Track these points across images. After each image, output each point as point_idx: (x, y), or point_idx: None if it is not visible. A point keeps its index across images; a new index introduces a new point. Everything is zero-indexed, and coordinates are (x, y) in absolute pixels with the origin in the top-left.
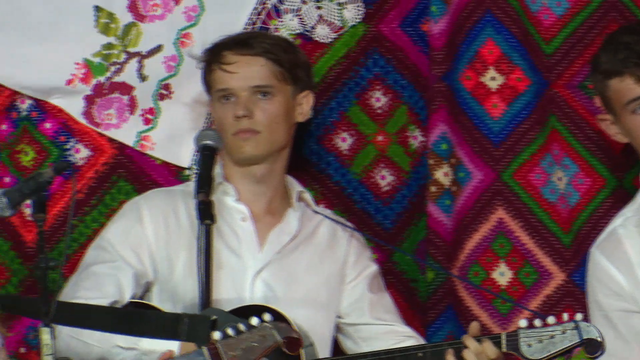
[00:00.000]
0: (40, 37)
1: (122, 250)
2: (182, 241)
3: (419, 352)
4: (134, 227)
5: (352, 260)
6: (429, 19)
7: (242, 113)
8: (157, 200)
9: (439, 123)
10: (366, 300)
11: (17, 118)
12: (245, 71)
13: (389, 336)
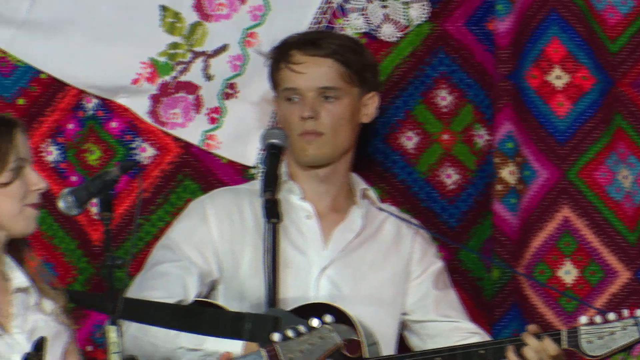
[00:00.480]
0: (106, 36)
1: (187, 249)
2: (247, 240)
3: (479, 349)
4: (199, 226)
5: (417, 257)
6: (495, 18)
7: (307, 114)
8: (222, 200)
9: (505, 122)
10: (431, 297)
11: (84, 117)
12: (313, 72)
13: (454, 333)
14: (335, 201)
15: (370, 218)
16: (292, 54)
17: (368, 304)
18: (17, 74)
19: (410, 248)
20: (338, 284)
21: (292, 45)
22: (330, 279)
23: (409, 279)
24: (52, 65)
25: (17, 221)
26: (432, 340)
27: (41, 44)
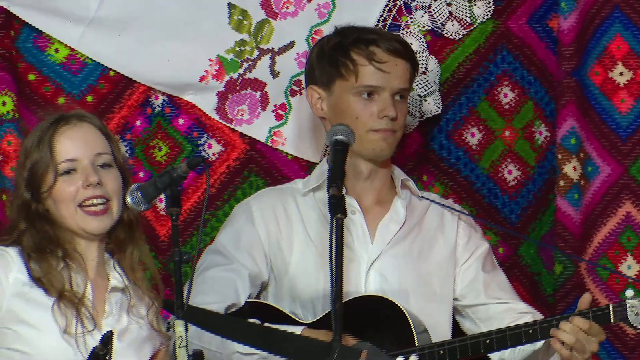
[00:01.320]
0: (174, 34)
1: (236, 253)
2: (294, 239)
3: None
4: (246, 229)
5: (463, 242)
6: (558, 15)
7: (392, 114)
8: (267, 200)
9: (568, 118)
10: (480, 280)
11: (151, 114)
12: (395, 72)
13: (506, 314)
14: (379, 195)
15: (412, 208)
16: (374, 52)
17: (418, 294)
18: (86, 72)
19: (455, 234)
20: (386, 277)
21: (376, 41)
22: (379, 273)
23: (457, 265)
24: (120, 63)
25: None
26: (484, 323)
27: (110, 42)
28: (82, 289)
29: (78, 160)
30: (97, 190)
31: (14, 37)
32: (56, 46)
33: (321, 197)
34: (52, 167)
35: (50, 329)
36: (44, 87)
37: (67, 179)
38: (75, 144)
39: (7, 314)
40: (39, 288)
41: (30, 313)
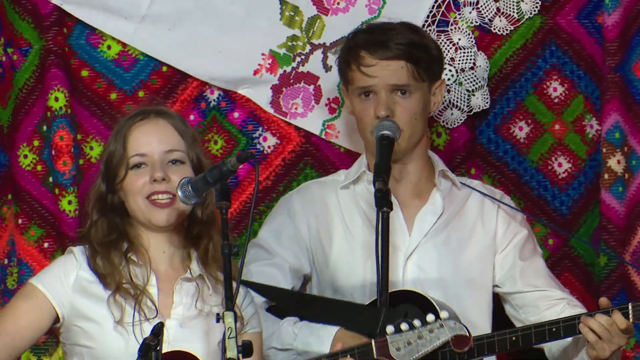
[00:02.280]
0: (227, 29)
1: (277, 247)
2: (334, 232)
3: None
4: (287, 224)
5: (502, 231)
6: (603, 11)
7: (384, 113)
8: (308, 194)
9: (612, 112)
10: (517, 268)
11: (206, 108)
12: (385, 73)
13: (541, 302)
14: (416, 187)
15: (451, 198)
16: (362, 56)
17: (456, 284)
18: (138, 68)
19: (495, 222)
20: (424, 268)
21: (361, 46)
22: (417, 265)
23: (496, 252)
24: (174, 58)
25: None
26: (522, 310)
27: (163, 37)
28: (143, 280)
29: (148, 155)
30: (162, 186)
31: (67, 34)
32: (109, 43)
33: (360, 190)
34: (124, 159)
35: (105, 321)
36: (97, 83)
37: (136, 173)
38: (147, 139)
39: (72, 311)
40: (99, 283)
41: (90, 308)
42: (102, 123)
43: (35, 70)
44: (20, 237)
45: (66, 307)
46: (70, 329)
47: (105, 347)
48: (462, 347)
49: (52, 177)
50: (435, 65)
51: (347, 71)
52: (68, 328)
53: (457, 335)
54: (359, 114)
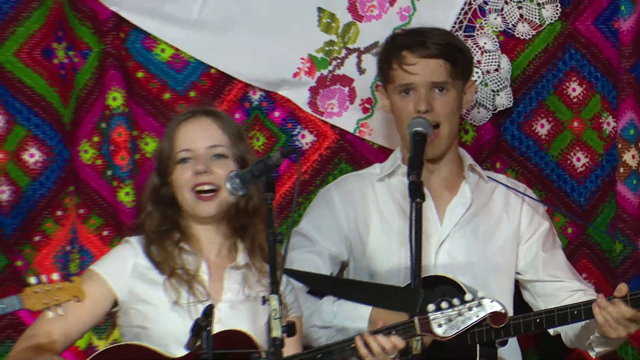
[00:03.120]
0: (269, 35)
1: (318, 235)
2: (370, 221)
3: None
4: (327, 214)
5: (526, 223)
6: (619, 17)
7: (424, 108)
8: (347, 186)
9: (627, 111)
10: (539, 259)
11: (249, 107)
12: (425, 70)
13: (561, 292)
14: (446, 181)
15: (479, 190)
16: (404, 55)
17: (483, 271)
18: (189, 70)
19: (519, 214)
20: (454, 255)
21: (403, 47)
22: (447, 252)
23: (520, 243)
24: (221, 62)
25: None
26: (541, 297)
27: (211, 43)
28: (194, 267)
29: (193, 150)
30: (205, 178)
31: (124, 38)
32: (162, 46)
33: (395, 182)
34: (172, 155)
35: (162, 303)
36: (151, 83)
37: (183, 167)
38: (193, 136)
39: (129, 296)
40: (155, 269)
41: (147, 292)
42: (156, 121)
43: (95, 72)
44: (82, 225)
45: (124, 292)
46: (128, 312)
47: (161, 328)
48: (499, 324)
49: (110, 171)
50: (468, 66)
51: (388, 70)
52: (125, 311)
53: (494, 312)
54: (399, 110)
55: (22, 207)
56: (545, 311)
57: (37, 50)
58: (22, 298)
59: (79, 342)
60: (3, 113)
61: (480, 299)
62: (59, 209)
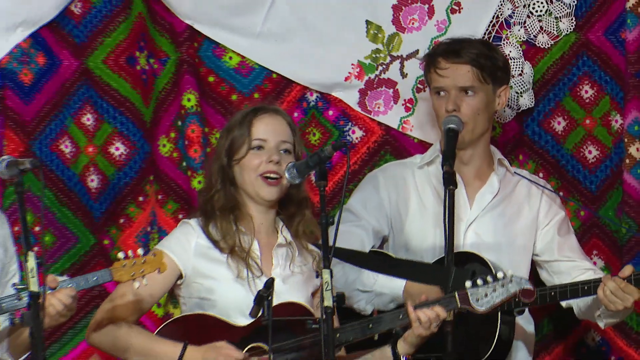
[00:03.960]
0: (323, 44)
1: (364, 213)
2: (409, 203)
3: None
4: (373, 195)
5: (544, 211)
6: (626, 29)
7: (451, 108)
8: (390, 172)
9: (633, 110)
10: (555, 242)
11: (307, 107)
12: (455, 75)
13: (573, 270)
14: (478, 171)
15: (505, 181)
16: (438, 60)
17: (505, 250)
18: (253, 75)
19: (539, 204)
20: (481, 235)
21: (439, 54)
22: (475, 232)
23: (539, 228)
24: (281, 67)
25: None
26: (556, 275)
27: (273, 51)
28: (249, 245)
29: (267, 141)
30: (275, 167)
31: (197, 47)
32: (230, 55)
33: (433, 170)
34: (247, 141)
35: (225, 278)
36: (220, 87)
37: (255, 153)
38: (268, 129)
39: (193, 272)
40: (215, 249)
41: (210, 268)
42: (224, 119)
43: (172, 77)
44: (160, 210)
45: (188, 267)
46: (191, 285)
47: (224, 299)
48: (529, 298)
49: (185, 162)
50: (500, 73)
51: (427, 74)
52: (188, 284)
53: (524, 289)
54: (435, 109)
55: (109, 193)
56: (559, 286)
57: (122, 58)
58: (111, 271)
59: (158, 310)
60: (93, 112)
61: (511, 277)
62: (141, 195)
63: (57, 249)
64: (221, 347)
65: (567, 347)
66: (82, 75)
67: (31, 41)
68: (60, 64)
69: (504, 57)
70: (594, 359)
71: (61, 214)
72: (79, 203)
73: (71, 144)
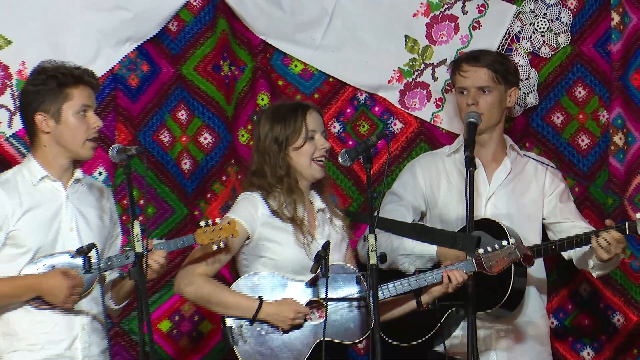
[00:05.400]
0: (371, 54)
1: (405, 194)
2: (441, 185)
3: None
4: (411, 180)
5: (548, 184)
6: (611, 42)
7: (471, 102)
8: (424, 161)
9: (616, 107)
10: (558, 208)
11: (357, 104)
12: (474, 76)
13: (572, 229)
14: (494, 154)
15: (516, 163)
16: (462, 65)
17: (519, 218)
18: (314, 79)
19: (544, 178)
20: (498, 207)
21: (463, 60)
22: (493, 204)
23: (545, 197)
24: (337, 73)
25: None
26: (559, 234)
27: (330, 60)
28: (302, 213)
29: (316, 131)
30: (325, 153)
31: (269, 57)
32: (295, 63)
33: (458, 157)
34: (304, 133)
35: (288, 242)
36: (288, 88)
37: (310, 142)
38: (316, 122)
39: (259, 236)
40: (276, 217)
41: (273, 234)
42: None
43: (249, 81)
44: (239, 187)
45: (255, 231)
46: (257, 246)
47: (285, 259)
48: (528, 262)
49: None
50: (510, 76)
51: (453, 76)
52: (254, 245)
53: (524, 254)
54: (458, 105)
55: (199, 174)
56: (558, 240)
57: (210, 66)
58: (195, 236)
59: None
60: (186, 109)
61: (515, 245)
62: (224, 175)
63: (157, 218)
64: (290, 303)
65: (564, 295)
66: (177, 80)
67: (137, 53)
68: (160, 71)
69: (514, 64)
70: (587, 304)
71: (161, 190)
72: (175, 181)
73: (168, 134)
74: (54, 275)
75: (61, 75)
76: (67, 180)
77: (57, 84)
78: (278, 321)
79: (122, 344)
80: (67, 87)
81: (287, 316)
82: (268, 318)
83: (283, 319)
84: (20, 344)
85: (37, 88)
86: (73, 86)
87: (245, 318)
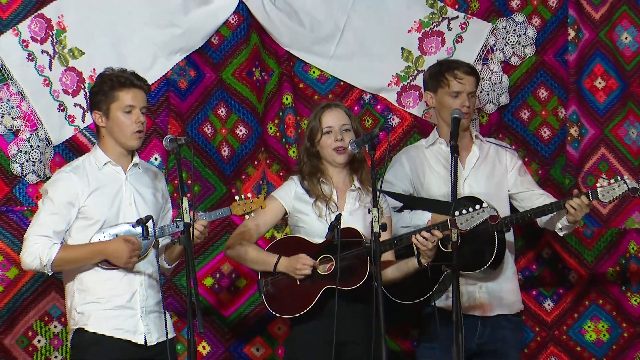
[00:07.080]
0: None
1: (397, 182)
2: (425, 169)
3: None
4: (400, 169)
5: (508, 161)
6: (568, 53)
7: (466, 104)
8: (409, 152)
9: (572, 105)
10: (518, 180)
11: (363, 103)
12: (468, 83)
13: (532, 196)
14: (465, 145)
15: (482, 148)
16: (456, 73)
17: (491, 193)
18: (328, 82)
19: (505, 158)
20: (473, 186)
21: (456, 68)
22: (469, 184)
23: (507, 172)
24: (347, 77)
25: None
26: (523, 202)
27: (341, 67)
28: (329, 192)
29: (333, 127)
30: (341, 143)
31: (292, 65)
32: (313, 69)
33: (436, 148)
34: (320, 129)
35: (312, 213)
36: (307, 90)
37: (327, 136)
38: (332, 118)
39: (293, 209)
40: (307, 195)
41: (303, 207)
42: (309, 111)
43: (276, 84)
44: (268, 170)
45: (290, 206)
46: (293, 217)
47: (310, 227)
48: (494, 221)
49: (284, 139)
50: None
51: (445, 81)
52: (292, 216)
53: (492, 215)
54: (448, 105)
55: (235, 159)
56: (532, 209)
57: (244, 72)
58: (230, 207)
59: (266, 234)
60: (225, 107)
61: (483, 208)
62: (256, 160)
63: (202, 195)
64: (300, 257)
65: (530, 257)
66: (218, 83)
67: (186, 61)
68: (204, 76)
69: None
70: (548, 264)
71: (204, 172)
72: (216, 165)
73: (211, 127)
74: (117, 241)
75: (111, 81)
76: (126, 165)
77: (108, 88)
78: (290, 272)
79: (174, 296)
80: (115, 90)
81: (295, 267)
82: (284, 270)
83: (293, 270)
84: (92, 297)
85: (95, 90)
86: (119, 89)
87: (269, 271)
